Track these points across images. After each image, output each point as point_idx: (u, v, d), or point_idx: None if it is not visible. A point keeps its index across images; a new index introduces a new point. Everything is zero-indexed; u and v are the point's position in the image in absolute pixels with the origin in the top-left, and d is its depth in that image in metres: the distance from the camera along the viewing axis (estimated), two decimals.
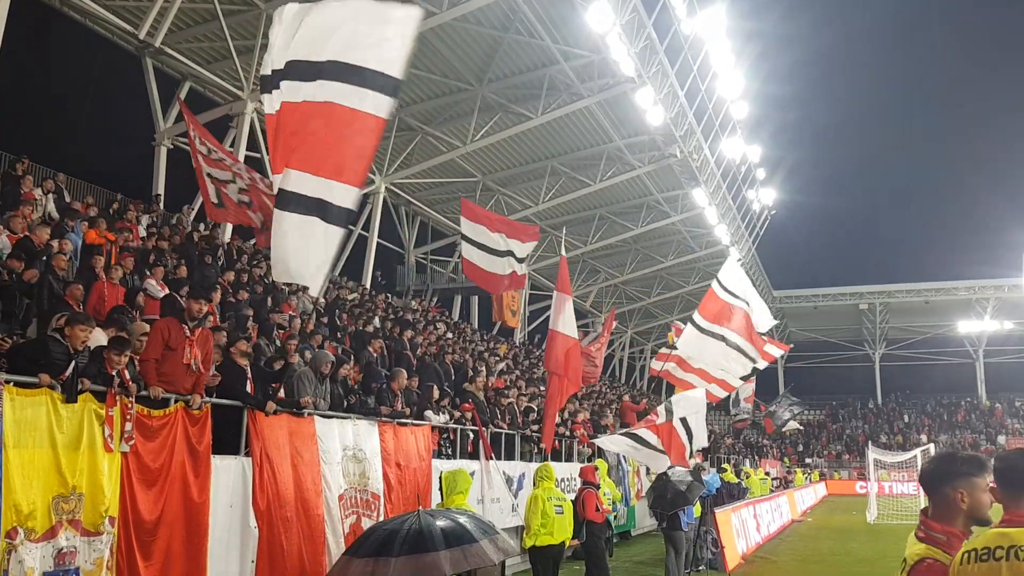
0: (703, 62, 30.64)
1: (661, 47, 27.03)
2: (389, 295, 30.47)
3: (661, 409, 12.93)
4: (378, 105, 6.64)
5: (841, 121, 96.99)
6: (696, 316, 14.79)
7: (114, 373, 6.88)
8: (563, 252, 13.62)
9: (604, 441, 14.56)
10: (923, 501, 31.55)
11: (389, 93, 6.65)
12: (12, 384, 6.02)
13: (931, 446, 33.35)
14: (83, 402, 6.52)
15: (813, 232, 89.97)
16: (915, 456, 34.15)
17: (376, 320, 20.68)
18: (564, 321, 12.88)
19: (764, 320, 15.18)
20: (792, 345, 31.35)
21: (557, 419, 16.68)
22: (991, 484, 3.13)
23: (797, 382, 52.93)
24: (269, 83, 6.95)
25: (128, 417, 6.80)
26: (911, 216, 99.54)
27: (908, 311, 59.43)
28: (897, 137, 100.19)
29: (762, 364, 16.04)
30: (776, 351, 18.86)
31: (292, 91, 6.86)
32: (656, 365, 17.49)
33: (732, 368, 14.84)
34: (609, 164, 33.76)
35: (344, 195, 6.62)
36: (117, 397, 6.69)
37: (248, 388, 9.18)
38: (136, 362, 7.82)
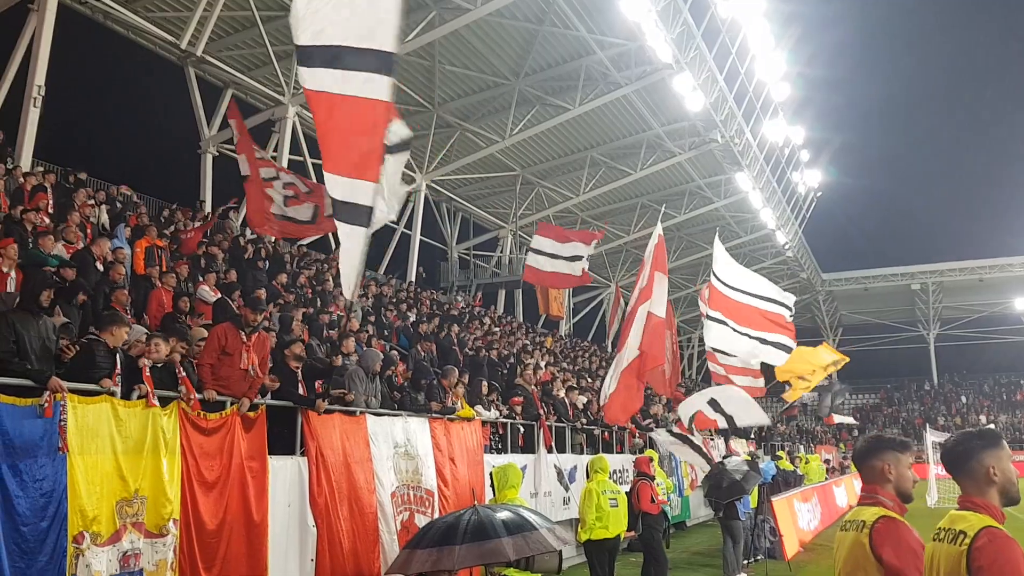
0: (741, 45, 30.24)
1: (698, 32, 26.71)
2: (433, 291, 30.62)
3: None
4: (380, 88, 6.17)
5: (887, 100, 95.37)
6: (711, 311, 14.57)
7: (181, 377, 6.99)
8: (660, 230, 13.09)
9: (655, 434, 14.54)
10: None
11: (387, 72, 6.19)
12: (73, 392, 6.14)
13: (991, 427, 32.70)
14: (143, 407, 6.63)
15: (861, 213, 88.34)
16: None
17: (424, 318, 20.78)
18: (658, 301, 12.33)
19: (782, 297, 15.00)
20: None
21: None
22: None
23: (850, 366, 52.07)
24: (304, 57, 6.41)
25: (187, 417, 6.95)
26: (961, 193, 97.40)
27: (962, 290, 58.15)
28: (944, 114, 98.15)
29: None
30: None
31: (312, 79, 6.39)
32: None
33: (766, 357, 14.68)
34: (649, 152, 33.52)
35: (366, 193, 6.23)
36: (180, 401, 6.84)
37: (300, 389, 9.28)
38: (194, 366, 7.97)
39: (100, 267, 11.38)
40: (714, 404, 12.71)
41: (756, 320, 14.39)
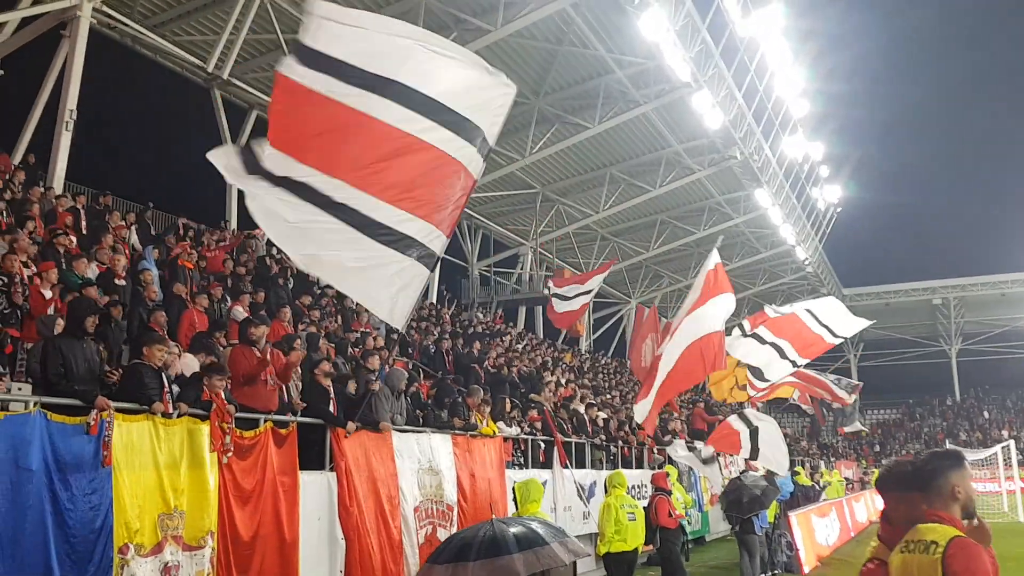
0: (760, 62, 30.50)
1: (716, 50, 27.01)
2: (455, 308, 30.94)
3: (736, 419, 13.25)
4: (474, 161, 6.06)
5: (906, 115, 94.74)
6: (760, 330, 14.85)
7: (211, 395, 7.33)
8: (717, 258, 12.76)
9: (671, 450, 14.76)
10: (1006, 499, 30.54)
11: (483, 154, 6.12)
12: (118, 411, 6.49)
13: (1011, 442, 32.44)
14: (183, 424, 6.98)
15: (882, 228, 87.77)
16: (996, 453, 33.30)
17: (446, 336, 21.09)
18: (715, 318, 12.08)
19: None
20: (862, 383, 30.95)
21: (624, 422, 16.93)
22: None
23: (871, 381, 51.91)
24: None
25: (227, 432, 7.27)
26: (982, 207, 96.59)
27: (984, 304, 57.82)
28: (964, 128, 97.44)
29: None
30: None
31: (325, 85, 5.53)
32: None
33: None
34: (668, 169, 33.76)
35: (438, 239, 5.96)
36: (220, 420, 7.17)
37: (331, 407, 9.60)
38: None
39: (122, 283, 11.74)
40: (753, 437, 13.00)
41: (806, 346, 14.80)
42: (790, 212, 40.09)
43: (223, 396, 7.57)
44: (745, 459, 22.93)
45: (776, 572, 15.52)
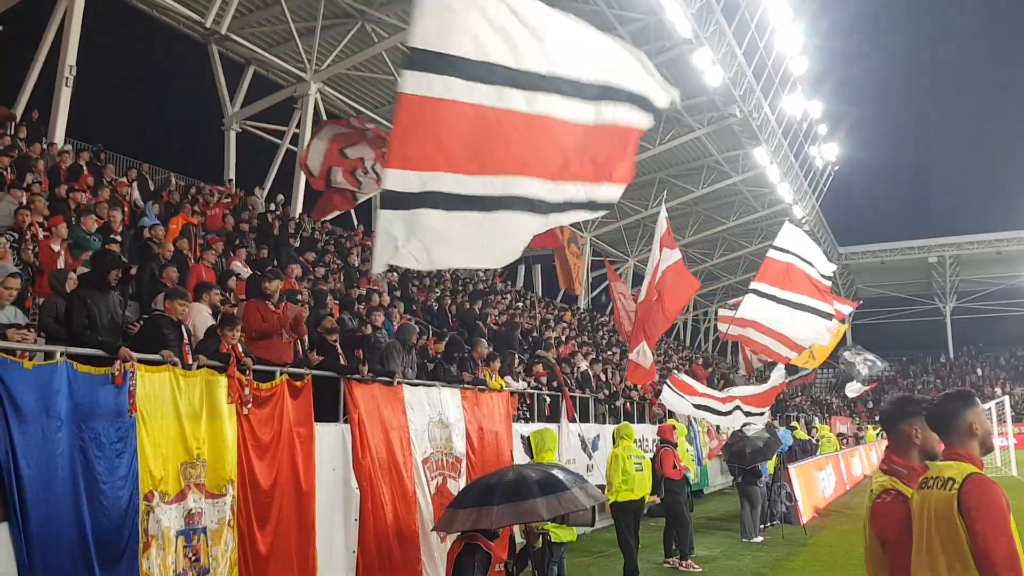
0: (761, 19, 30.28)
1: (718, 6, 26.81)
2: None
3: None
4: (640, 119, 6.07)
5: (905, 73, 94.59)
6: (756, 284, 14.96)
7: (228, 348, 7.42)
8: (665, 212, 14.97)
9: (669, 400, 14.91)
10: (999, 454, 31.00)
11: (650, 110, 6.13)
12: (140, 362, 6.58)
13: (1005, 398, 32.84)
14: (202, 376, 7.08)
15: (878, 187, 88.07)
16: (989, 409, 33.69)
17: (448, 292, 21.19)
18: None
19: (824, 265, 15.39)
20: (860, 301, 30.96)
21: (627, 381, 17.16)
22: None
23: (866, 338, 52.35)
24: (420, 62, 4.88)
25: (246, 384, 7.38)
26: (979, 165, 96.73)
27: (979, 262, 58.15)
28: (962, 86, 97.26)
29: (834, 325, 16.25)
30: (845, 308, 18.93)
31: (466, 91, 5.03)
32: (721, 327, 17.70)
33: (803, 332, 14.99)
34: (667, 127, 33.63)
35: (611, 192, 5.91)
36: (237, 372, 7.27)
37: (340, 360, 9.72)
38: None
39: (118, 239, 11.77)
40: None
41: (807, 285, 14.83)
42: (788, 170, 40.08)
43: (240, 348, 7.66)
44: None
45: (775, 522, 15.82)
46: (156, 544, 6.38)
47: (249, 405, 7.40)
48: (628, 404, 18.80)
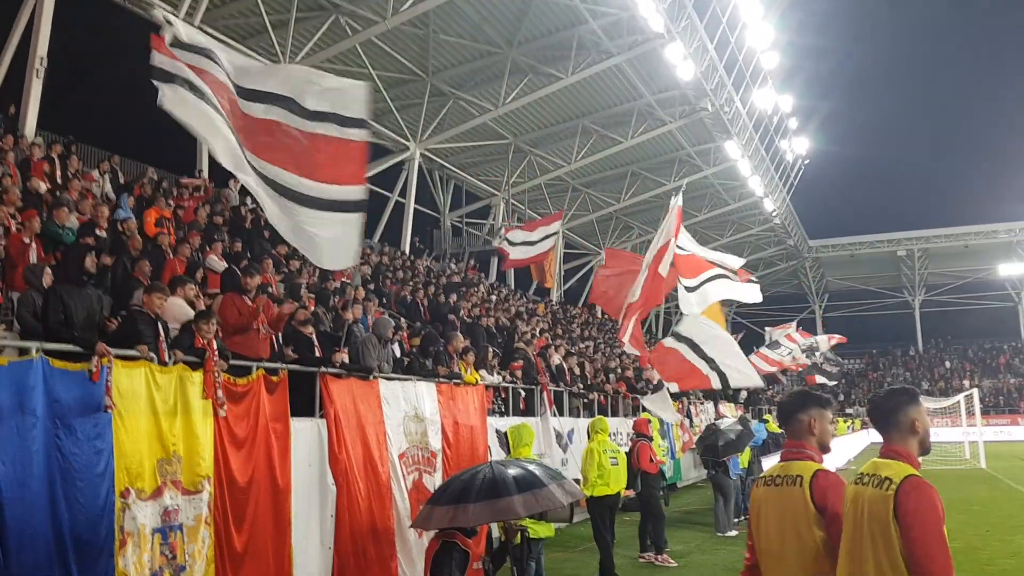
0: (732, 14, 30.45)
1: (690, 2, 26.94)
2: (428, 259, 30.95)
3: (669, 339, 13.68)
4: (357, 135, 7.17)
5: (874, 68, 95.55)
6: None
7: (203, 343, 7.38)
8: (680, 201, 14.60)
9: (648, 401, 15.05)
10: (968, 447, 31.34)
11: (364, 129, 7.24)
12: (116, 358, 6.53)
13: (974, 391, 33.37)
14: (177, 372, 7.04)
15: (848, 180, 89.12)
16: (958, 402, 34.14)
17: (420, 286, 21.16)
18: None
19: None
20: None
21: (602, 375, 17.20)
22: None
23: (835, 331, 52.88)
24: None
25: (218, 385, 7.34)
26: (947, 161, 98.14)
27: (947, 256, 58.94)
28: (930, 82, 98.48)
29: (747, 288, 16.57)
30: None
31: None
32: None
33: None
34: (640, 120, 33.80)
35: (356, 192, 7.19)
36: (215, 367, 7.23)
37: (316, 353, 9.70)
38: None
39: (103, 234, 11.69)
40: (711, 361, 13.21)
41: (701, 266, 15.14)
42: (759, 164, 40.41)
43: (215, 345, 7.62)
44: (714, 404, 23.49)
45: (748, 516, 15.98)
46: (132, 542, 6.35)
47: (224, 407, 7.36)
48: (603, 398, 18.91)
